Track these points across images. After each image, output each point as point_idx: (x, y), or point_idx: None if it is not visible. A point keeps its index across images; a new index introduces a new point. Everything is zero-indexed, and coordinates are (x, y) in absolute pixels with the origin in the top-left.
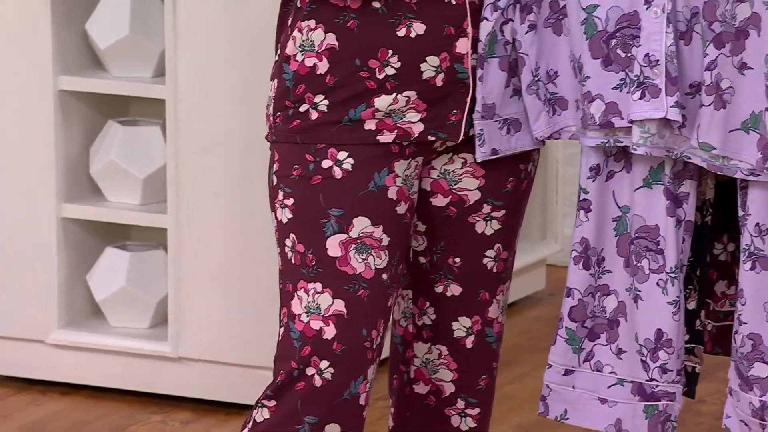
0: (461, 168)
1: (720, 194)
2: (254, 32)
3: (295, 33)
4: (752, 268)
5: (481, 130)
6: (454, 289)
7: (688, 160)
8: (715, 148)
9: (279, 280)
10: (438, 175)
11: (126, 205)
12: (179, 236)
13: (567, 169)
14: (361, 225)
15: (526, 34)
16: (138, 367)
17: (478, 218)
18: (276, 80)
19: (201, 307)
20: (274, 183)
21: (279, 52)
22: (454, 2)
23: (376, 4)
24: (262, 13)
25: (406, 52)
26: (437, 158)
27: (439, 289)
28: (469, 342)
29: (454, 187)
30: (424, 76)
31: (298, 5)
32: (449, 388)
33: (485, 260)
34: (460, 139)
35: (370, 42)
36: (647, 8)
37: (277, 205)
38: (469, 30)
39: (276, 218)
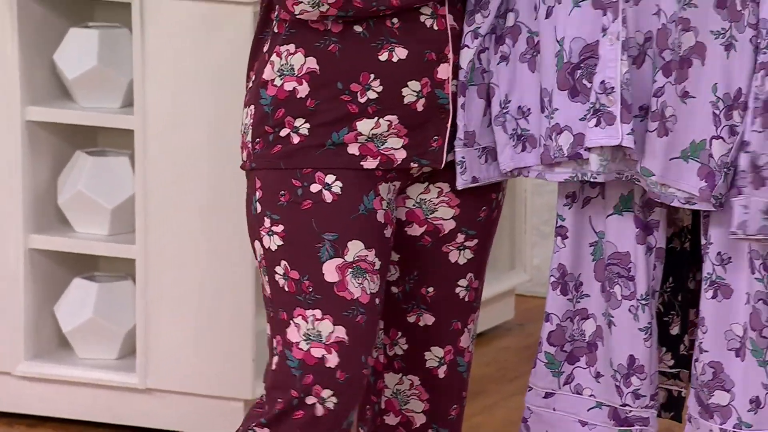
0: (437, 197)
1: (698, 220)
2: (223, 62)
3: (273, 58)
4: (713, 297)
5: (462, 157)
6: (427, 319)
7: (637, 183)
8: (654, 175)
9: (268, 309)
10: (413, 205)
11: (94, 235)
12: (147, 267)
13: (535, 199)
14: (355, 249)
15: (498, 64)
16: (106, 399)
17: (452, 248)
18: (252, 106)
19: (169, 338)
20: (258, 211)
21: (254, 78)
22: (436, 28)
23: (358, 28)
24: (231, 43)
25: (388, 77)
26: (412, 186)
27: (411, 318)
28: (441, 372)
29: (430, 216)
30: (406, 100)
31: (276, 30)
32: (420, 419)
33: (458, 289)
34: (442, 166)
35: (352, 66)
36: (603, 35)
37: (263, 233)
38: (450, 56)
39: (262, 246)
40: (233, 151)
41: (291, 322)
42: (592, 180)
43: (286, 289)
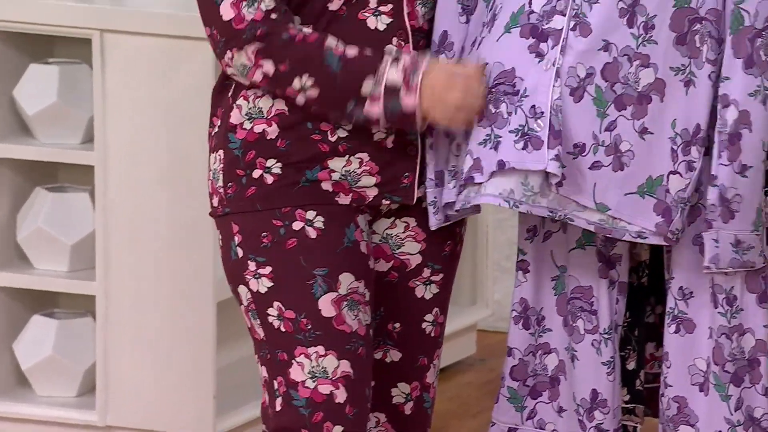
0: (404, 232)
1: (656, 255)
2: (183, 98)
3: (240, 102)
4: (677, 331)
5: (434, 197)
6: (394, 355)
7: (572, 223)
8: (610, 209)
9: (263, 352)
10: (380, 240)
11: (54, 272)
12: (108, 303)
13: (497, 235)
14: (347, 281)
15: None
16: None
17: (418, 282)
18: (221, 151)
19: (130, 375)
20: (240, 256)
21: (220, 124)
22: None
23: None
24: (192, 79)
25: None
26: (378, 221)
27: (378, 355)
28: (408, 408)
29: (397, 251)
30: (375, 137)
31: None
32: None
33: (424, 324)
34: (414, 202)
35: None
36: (539, 61)
37: (248, 277)
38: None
39: (249, 290)
40: (194, 187)
41: (293, 361)
42: (512, 208)
43: (283, 329)
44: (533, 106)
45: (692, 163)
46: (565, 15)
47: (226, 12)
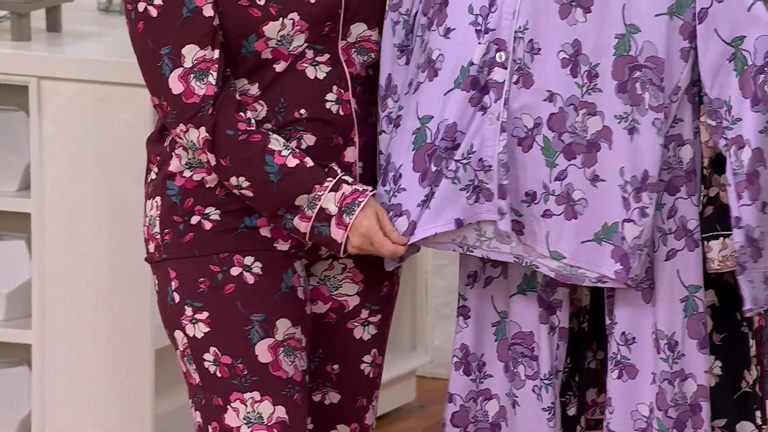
0: (341, 273)
1: (597, 301)
2: (121, 144)
3: (179, 151)
4: (619, 377)
5: None
6: (333, 397)
7: (537, 269)
8: (566, 258)
9: (197, 396)
10: (318, 282)
11: None
12: (44, 352)
13: (436, 281)
14: (284, 327)
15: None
16: None
17: (356, 324)
18: (158, 198)
19: (66, 425)
20: (176, 301)
21: (157, 171)
22: (341, 113)
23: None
24: (129, 125)
25: None
26: (317, 264)
27: (317, 397)
28: None
29: (335, 293)
30: None
31: None
32: None
33: (363, 366)
34: None
35: None
36: (483, 114)
37: (185, 322)
38: (356, 139)
39: (185, 335)
40: (132, 233)
41: (228, 407)
42: (467, 253)
43: (219, 374)
44: (481, 160)
45: (645, 209)
46: (506, 68)
47: (176, 85)
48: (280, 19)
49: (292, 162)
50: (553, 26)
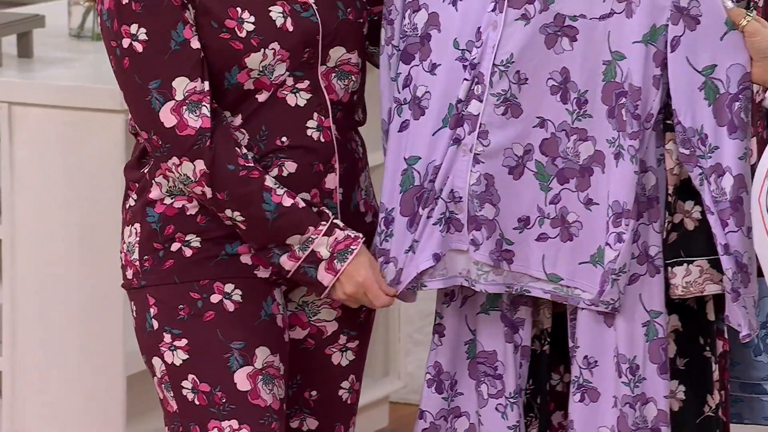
0: (320, 299)
1: (558, 324)
2: (93, 170)
3: (159, 179)
4: (581, 400)
5: None
6: (311, 423)
7: (528, 294)
8: (563, 279)
9: (175, 424)
10: (296, 308)
11: None
12: (14, 379)
13: (408, 307)
14: (263, 355)
15: None
16: None
17: (334, 349)
18: (138, 224)
19: None
20: (155, 327)
21: (136, 197)
22: (322, 140)
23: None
24: (102, 151)
25: None
26: (295, 290)
27: (294, 424)
28: None
29: (313, 318)
30: None
31: None
32: None
33: (341, 392)
34: None
35: None
36: (456, 147)
37: (163, 349)
38: (337, 166)
39: (164, 362)
40: (104, 260)
41: None
42: (470, 286)
43: (197, 402)
44: (452, 191)
45: (621, 235)
46: (481, 101)
47: (168, 119)
48: (262, 50)
49: (287, 201)
50: (539, 56)
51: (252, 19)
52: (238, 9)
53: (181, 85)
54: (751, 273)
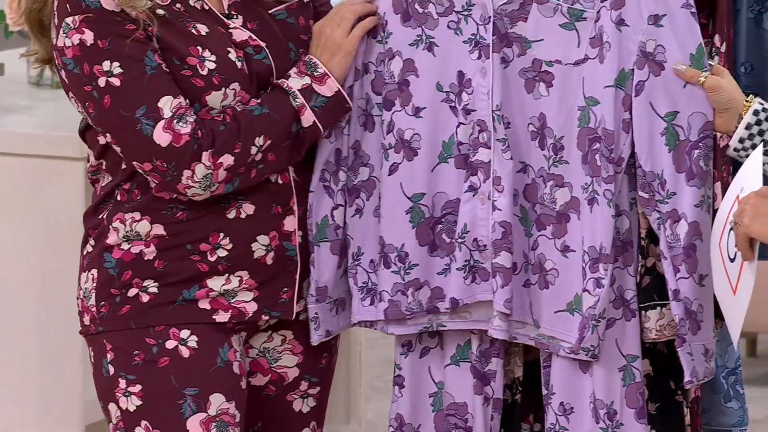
0: (281, 345)
1: (529, 373)
2: (54, 218)
3: (117, 224)
4: None
5: (315, 313)
6: None
7: (515, 341)
8: (541, 327)
9: None
10: (257, 354)
11: None
12: None
13: (370, 353)
14: (217, 402)
15: (352, 217)
16: None
17: (296, 396)
18: (95, 270)
19: None
20: (111, 373)
21: (94, 243)
22: (280, 182)
23: (206, 194)
24: (62, 199)
25: (237, 234)
26: (256, 336)
27: None
28: None
29: (274, 365)
30: (255, 255)
31: (118, 199)
32: None
33: None
34: (293, 317)
35: (200, 227)
36: (473, 195)
37: (118, 395)
38: (296, 208)
39: (119, 408)
40: (63, 309)
41: None
42: (489, 333)
43: None
44: (475, 240)
45: (600, 280)
46: (489, 147)
47: (163, 138)
48: (223, 89)
49: (256, 100)
50: (520, 101)
51: (213, 58)
52: (199, 48)
53: (167, 104)
54: (702, 321)
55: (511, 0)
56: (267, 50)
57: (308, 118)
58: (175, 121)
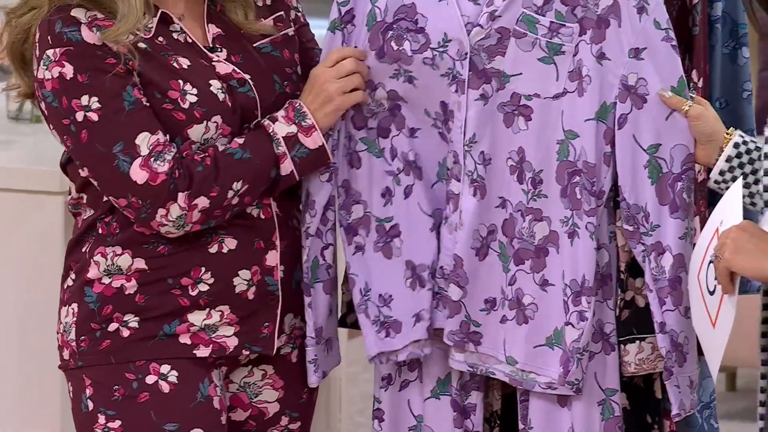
0: (261, 380)
1: (507, 406)
2: (32, 253)
3: (98, 258)
4: None
5: (315, 356)
6: None
7: (493, 376)
8: (517, 363)
9: None
10: (237, 389)
11: None
12: None
13: (349, 388)
14: None
15: (353, 255)
16: None
17: (276, 431)
18: (75, 304)
19: None
20: (90, 408)
21: (75, 277)
22: (262, 216)
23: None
24: (41, 233)
25: (218, 268)
26: (236, 370)
27: None
28: None
29: (254, 400)
30: (237, 290)
31: (100, 232)
32: None
33: None
34: (274, 352)
35: (182, 262)
36: (444, 223)
37: (97, 430)
38: (278, 243)
39: None
40: (42, 344)
41: None
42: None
43: None
44: (441, 267)
45: (584, 313)
46: (459, 180)
47: (139, 175)
48: (204, 122)
49: (239, 140)
50: (499, 135)
51: (195, 91)
52: (180, 81)
53: (144, 141)
54: (687, 353)
55: (489, 35)
56: (251, 83)
57: (287, 166)
58: (152, 159)
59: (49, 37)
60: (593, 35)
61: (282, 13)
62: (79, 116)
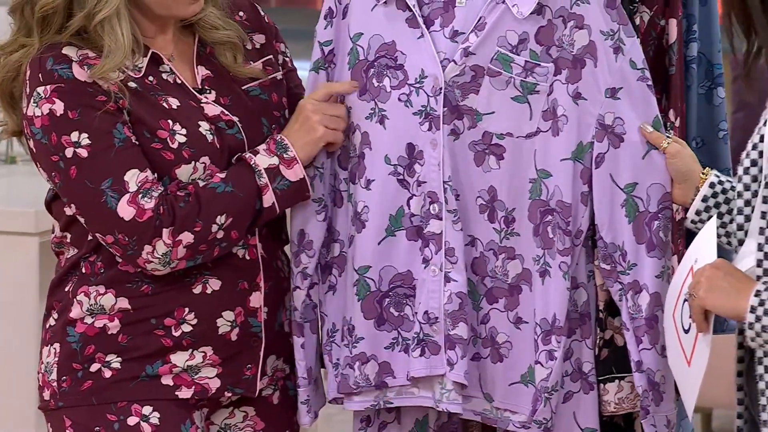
0: (243, 422)
1: None
2: (8, 294)
3: (81, 297)
4: None
5: (307, 396)
6: None
7: (468, 417)
8: (494, 400)
9: None
10: (218, 430)
11: None
12: None
13: (325, 429)
14: None
15: (325, 294)
16: None
17: None
18: (57, 344)
19: None
20: None
21: (57, 317)
22: (247, 257)
23: (166, 270)
24: (16, 276)
25: (202, 309)
26: (217, 412)
27: None
28: None
29: None
30: (220, 331)
31: (83, 271)
32: None
33: None
34: (256, 394)
35: (166, 302)
36: (425, 267)
37: None
38: (262, 284)
39: None
40: (19, 382)
41: None
42: (434, 406)
43: None
44: (426, 312)
45: (553, 353)
46: (440, 219)
47: (126, 211)
48: (193, 162)
49: (220, 174)
50: (469, 174)
51: (184, 131)
52: (170, 121)
53: (133, 178)
54: (664, 392)
55: (464, 72)
56: (239, 125)
57: (269, 198)
58: (140, 196)
59: (40, 75)
60: (569, 75)
61: (271, 56)
62: (69, 152)
